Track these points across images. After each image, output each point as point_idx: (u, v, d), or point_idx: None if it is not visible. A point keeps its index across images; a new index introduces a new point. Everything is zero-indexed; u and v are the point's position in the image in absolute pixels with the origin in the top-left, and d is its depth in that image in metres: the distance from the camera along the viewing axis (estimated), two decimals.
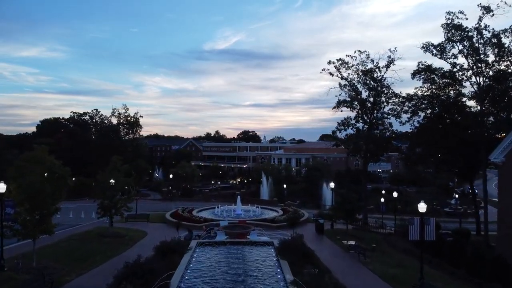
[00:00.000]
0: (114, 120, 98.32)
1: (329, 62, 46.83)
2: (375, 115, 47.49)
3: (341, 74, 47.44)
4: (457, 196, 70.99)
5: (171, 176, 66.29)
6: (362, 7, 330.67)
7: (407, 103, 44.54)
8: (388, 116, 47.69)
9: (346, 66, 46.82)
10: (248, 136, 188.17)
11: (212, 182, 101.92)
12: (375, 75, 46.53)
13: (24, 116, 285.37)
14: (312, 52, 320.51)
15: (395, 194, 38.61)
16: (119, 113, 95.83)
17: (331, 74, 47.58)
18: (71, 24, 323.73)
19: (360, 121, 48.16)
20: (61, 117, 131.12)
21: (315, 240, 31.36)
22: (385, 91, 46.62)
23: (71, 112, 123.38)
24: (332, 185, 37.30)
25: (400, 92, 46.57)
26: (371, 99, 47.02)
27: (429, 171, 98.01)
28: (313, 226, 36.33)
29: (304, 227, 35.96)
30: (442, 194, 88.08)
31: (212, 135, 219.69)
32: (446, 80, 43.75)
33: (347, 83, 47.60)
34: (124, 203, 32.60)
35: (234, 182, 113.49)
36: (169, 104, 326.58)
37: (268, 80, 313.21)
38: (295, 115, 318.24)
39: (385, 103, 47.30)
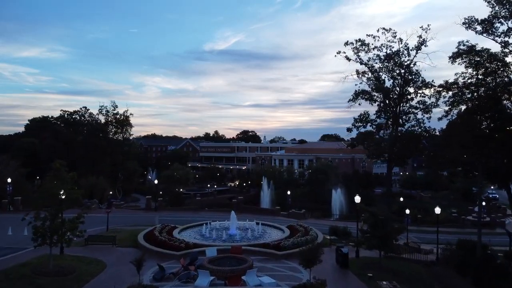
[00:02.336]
0: (102, 119, 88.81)
1: (346, 44, 37.34)
2: (400, 108, 37.99)
3: (360, 59, 38.02)
4: (484, 203, 61.15)
5: (156, 181, 56.65)
6: (361, 8, 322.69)
7: (444, 93, 34.89)
8: (416, 111, 38.14)
9: (367, 48, 37.33)
10: (247, 136, 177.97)
11: (208, 185, 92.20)
12: (402, 59, 37.01)
13: (24, 116, 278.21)
14: (312, 52, 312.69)
15: (437, 210, 28.77)
16: (107, 111, 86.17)
17: (347, 58, 38.11)
18: (71, 24, 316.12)
19: (383, 116, 38.70)
20: (50, 116, 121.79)
21: (339, 280, 21.76)
22: (415, 79, 37.09)
23: (60, 110, 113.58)
24: (357, 199, 27.62)
25: (433, 81, 37.03)
26: (397, 89, 37.51)
27: (444, 173, 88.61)
28: (331, 252, 26.88)
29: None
30: (460, 200, 78.48)
31: (211, 135, 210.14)
32: (492, 65, 34.17)
33: (367, 70, 38.17)
34: (74, 226, 23.03)
35: (232, 185, 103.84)
36: (169, 105, 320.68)
37: (268, 81, 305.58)
38: (295, 115, 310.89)
39: (413, 94, 37.79)
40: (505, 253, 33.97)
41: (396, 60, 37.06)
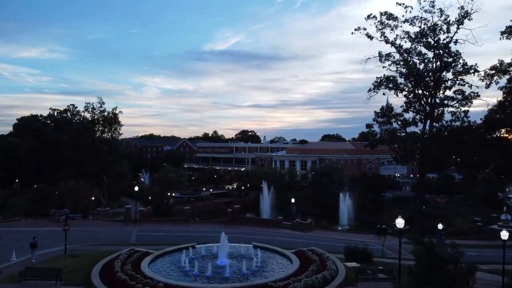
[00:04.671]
0: (89, 117, 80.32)
1: (369, 17, 29.13)
2: (435, 100, 29.79)
3: (385, 37, 29.78)
4: None
5: (136, 188, 48.26)
6: (360, 8, 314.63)
7: (496, 78, 26.70)
8: (453, 103, 29.88)
9: (394, 23, 29.15)
10: (247, 136, 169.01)
11: (204, 189, 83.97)
12: (439, 37, 28.84)
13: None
14: (311, 53, 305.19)
15: (504, 235, 20.49)
16: (93, 108, 77.70)
17: (369, 36, 29.87)
18: (72, 25, 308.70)
19: (411, 109, 30.52)
20: (39, 115, 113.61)
21: None
22: (455, 63, 28.88)
23: (50, 109, 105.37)
24: (400, 222, 19.32)
25: (476, 65, 28.68)
26: (431, 75, 29.26)
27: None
28: None
29: None
30: (480, 205, 70.17)
31: (210, 135, 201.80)
32: None
33: (393, 52, 29.98)
34: None
35: (230, 187, 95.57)
36: (169, 105, 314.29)
37: (268, 81, 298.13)
38: (294, 115, 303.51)
39: (450, 82, 29.57)
40: None
41: (430, 38, 28.87)
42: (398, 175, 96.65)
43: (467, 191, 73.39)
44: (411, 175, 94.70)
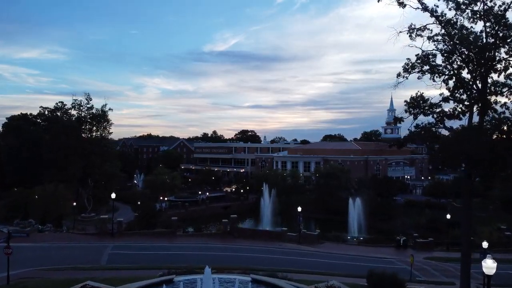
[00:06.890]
0: (76, 114, 73.46)
1: None
2: (486, 86, 22.87)
3: (421, 3, 22.90)
4: None
5: (113, 195, 41.22)
6: (359, 9, 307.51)
7: None
8: (504, 90, 22.96)
9: None
10: (246, 136, 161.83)
11: (199, 192, 77.03)
12: (495, 2, 21.97)
13: None
14: (311, 54, 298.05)
15: None
16: (80, 105, 70.79)
17: (400, 3, 22.98)
18: (72, 26, 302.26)
19: (452, 98, 23.59)
20: (29, 113, 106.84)
21: None
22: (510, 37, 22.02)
23: (40, 107, 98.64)
24: (491, 266, 12.11)
25: None
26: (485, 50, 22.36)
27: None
28: None
29: None
30: (500, 210, 63.59)
31: (210, 135, 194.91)
32: None
33: (432, 22, 23.06)
34: None
35: (229, 190, 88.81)
36: (169, 106, 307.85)
37: (267, 82, 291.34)
38: (294, 116, 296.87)
39: (504, 62, 22.67)
40: None
41: (482, 5, 21.98)
42: (407, 177, 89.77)
43: (485, 195, 66.79)
44: (422, 177, 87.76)
